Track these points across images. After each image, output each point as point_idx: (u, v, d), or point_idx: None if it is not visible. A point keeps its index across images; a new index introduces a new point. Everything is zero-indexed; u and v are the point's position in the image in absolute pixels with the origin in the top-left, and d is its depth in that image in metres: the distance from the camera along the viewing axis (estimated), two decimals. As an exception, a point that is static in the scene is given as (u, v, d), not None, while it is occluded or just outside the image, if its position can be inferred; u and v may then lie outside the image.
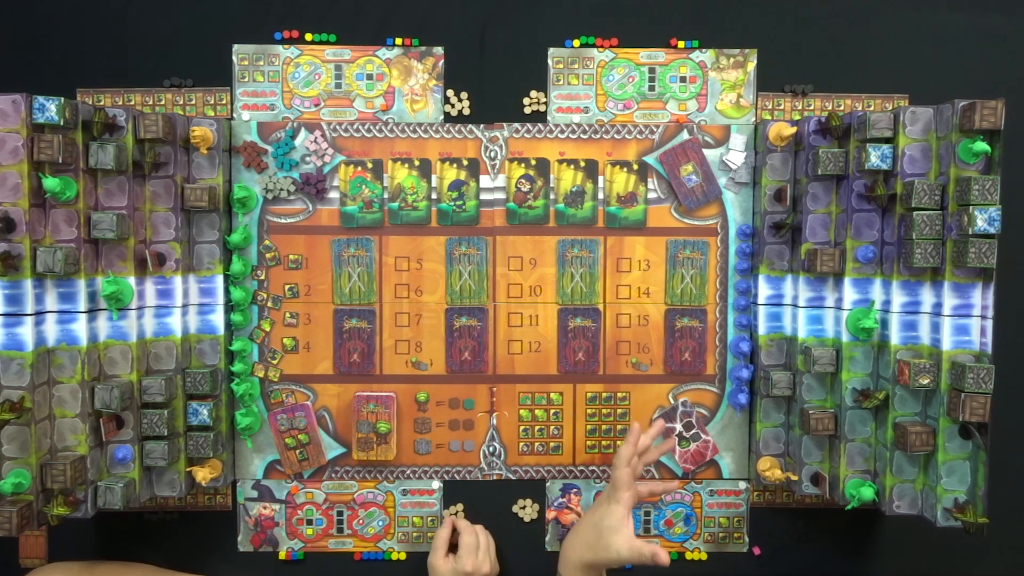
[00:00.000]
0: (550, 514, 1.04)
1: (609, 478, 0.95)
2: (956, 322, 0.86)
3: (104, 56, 1.00)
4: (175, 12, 1.00)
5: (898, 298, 0.89)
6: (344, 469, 1.03)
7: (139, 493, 0.92)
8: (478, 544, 0.97)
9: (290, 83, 1.01)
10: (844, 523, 1.03)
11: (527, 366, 1.03)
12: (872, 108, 1.01)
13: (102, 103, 1.00)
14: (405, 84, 1.01)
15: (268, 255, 1.01)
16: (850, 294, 0.92)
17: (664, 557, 0.83)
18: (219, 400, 0.97)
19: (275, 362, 1.02)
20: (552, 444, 1.04)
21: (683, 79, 1.02)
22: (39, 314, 0.85)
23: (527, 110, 1.02)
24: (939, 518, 0.87)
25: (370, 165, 1.01)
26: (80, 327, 0.87)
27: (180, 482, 0.94)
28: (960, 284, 0.86)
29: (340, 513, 1.04)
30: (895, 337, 0.89)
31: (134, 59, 1.00)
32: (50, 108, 0.83)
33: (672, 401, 1.04)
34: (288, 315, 1.02)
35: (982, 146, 0.82)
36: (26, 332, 0.83)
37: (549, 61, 1.02)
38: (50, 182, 0.83)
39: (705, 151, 1.01)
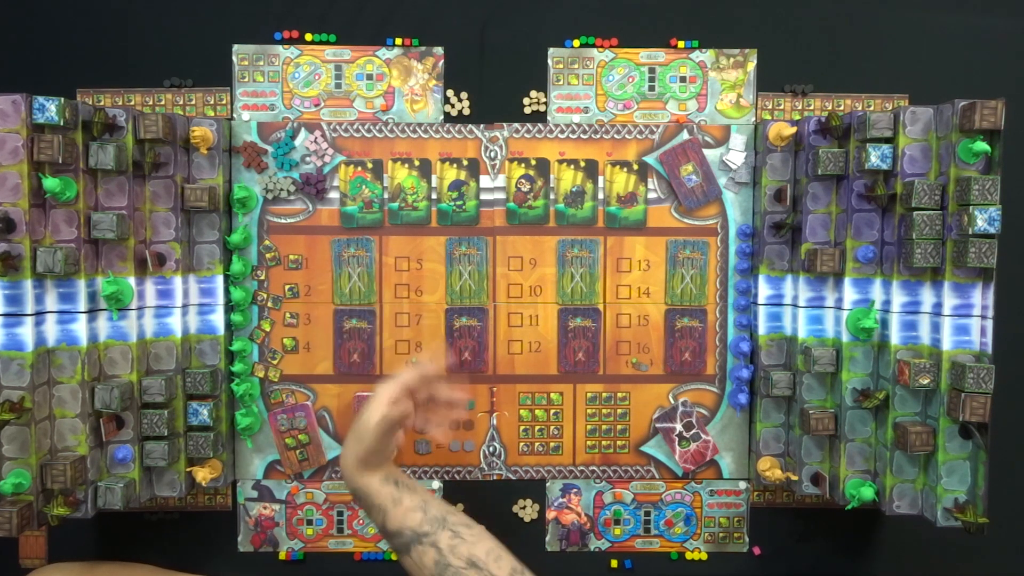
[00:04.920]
0: (550, 514, 1.04)
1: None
2: (956, 322, 0.86)
3: (104, 56, 1.00)
4: (175, 12, 1.00)
5: (898, 298, 0.89)
6: (344, 469, 1.03)
7: (139, 493, 0.92)
8: None
9: (290, 83, 1.01)
10: (844, 523, 1.03)
11: (527, 366, 1.03)
12: (872, 108, 1.01)
13: (102, 103, 1.00)
14: (405, 84, 1.01)
15: (268, 255, 1.01)
16: (850, 294, 0.92)
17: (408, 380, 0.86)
18: (219, 400, 0.97)
19: (275, 362, 1.02)
20: (552, 444, 1.04)
21: (683, 79, 1.02)
22: (39, 314, 0.85)
23: (527, 110, 1.02)
24: (939, 518, 0.87)
25: (370, 165, 1.01)
26: (80, 327, 0.87)
27: (180, 482, 0.94)
28: (960, 284, 0.86)
29: (340, 513, 1.04)
30: (895, 337, 0.89)
31: (134, 59, 1.00)
32: (50, 108, 0.83)
33: (672, 401, 1.04)
34: (288, 315, 1.02)
35: (982, 146, 0.82)
36: (26, 332, 0.83)
37: (549, 61, 1.02)
38: (50, 182, 0.83)
39: (705, 151, 1.01)
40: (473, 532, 0.82)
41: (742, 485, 1.04)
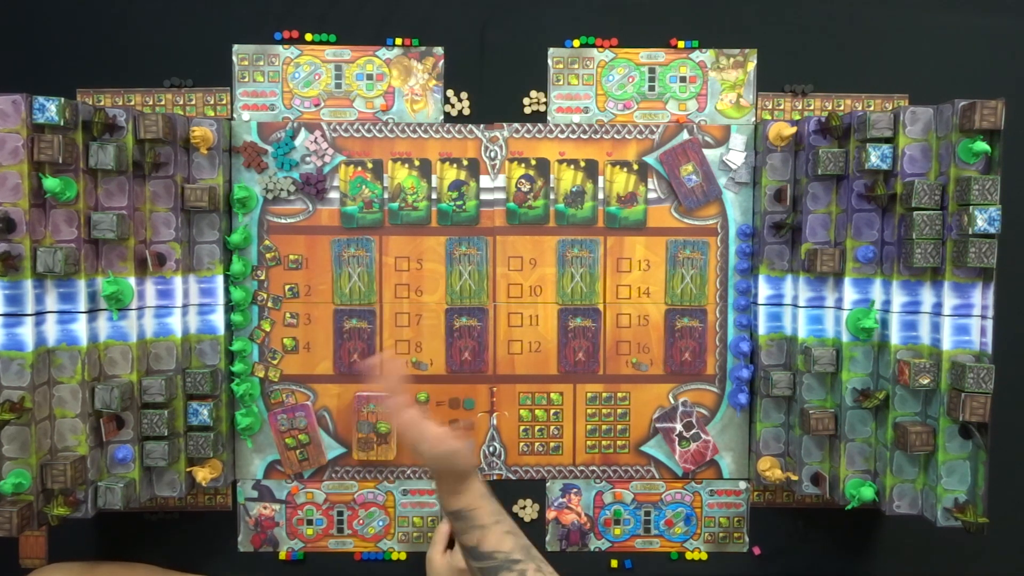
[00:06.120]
0: (550, 514, 1.04)
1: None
2: (956, 322, 0.86)
3: (104, 56, 1.00)
4: (175, 12, 1.00)
5: (898, 298, 0.89)
6: (344, 469, 1.03)
7: (139, 493, 0.92)
8: None
9: (290, 83, 1.01)
10: (844, 523, 1.03)
11: (527, 366, 1.03)
12: (872, 108, 1.01)
13: (102, 103, 1.00)
14: (405, 84, 1.01)
15: (268, 255, 1.01)
16: (850, 294, 0.92)
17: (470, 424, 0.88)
18: (219, 400, 0.97)
19: (275, 362, 1.02)
20: (552, 444, 1.04)
21: (683, 79, 1.02)
22: (39, 314, 0.85)
23: (527, 110, 1.02)
24: (939, 518, 0.87)
25: (370, 165, 1.01)
26: (80, 327, 0.87)
27: (180, 482, 0.94)
28: (960, 284, 0.86)
29: (340, 513, 1.04)
30: (895, 337, 0.89)
31: (134, 59, 1.00)
32: (50, 108, 0.83)
33: (672, 401, 1.04)
34: (288, 315, 1.02)
35: (982, 146, 0.82)
36: (26, 332, 0.83)
37: (549, 61, 1.02)
38: (50, 182, 0.83)
39: (705, 151, 1.01)
40: (552, 570, 0.81)
41: (742, 485, 1.04)
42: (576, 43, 1.01)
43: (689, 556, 1.04)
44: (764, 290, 0.99)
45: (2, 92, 0.83)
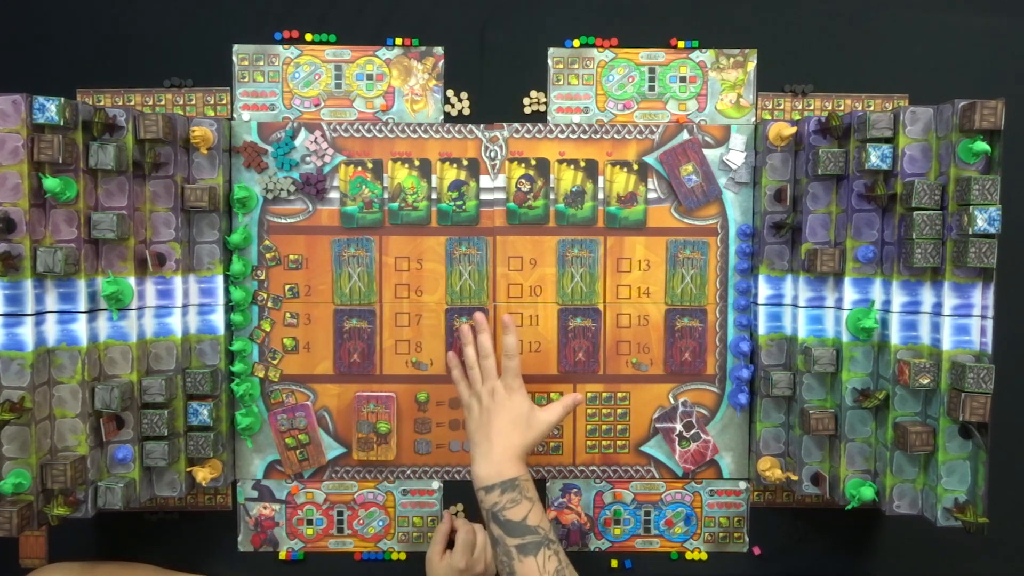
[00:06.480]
0: (550, 514, 1.04)
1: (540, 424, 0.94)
2: (956, 322, 0.86)
3: (104, 56, 1.00)
4: (175, 12, 1.00)
5: (898, 298, 0.89)
6: (344, 469, 1.03)
7: (139, 493, 0.92)
8: (474, 543, 0.97)
9: (290, 83, 1.01)
10: (844, 523, 1.03)
11: (527, 366, 1.03)
12: (872, 108, 1.01)
13: (102, 103, 1.00)
14: (405, 84, 1.01)
15: (268, 255, 1.01)
16: (850, 294, 0.92)
17: (579, 397, 0.96)
18: (219, 400, 0.97)
19: (275, 362, 1.02)
20: (552, 444, 1.04)
21: (683, 79, 1.02)
22: (39, 314, 0.85)
23: (527, 110, 1.02)
24: (939, 518, 0.87)
25: (370, 165, 1.01)
26: (80, 327, 0.87)
27: (180, 482, 0.94)
28: (960, 284, 0.86)
29: (340, 513, 1.04)
30: (895, 337, 0.89)
31: (134, 59, 1.00)
32: (50, 108, 0.83)
33: (672, 401, 1.04)
34: (288, 315, 1.02)
35: (982, 146, 0.82)
36: (26, 332, 0.83)
37: (549, 61, 1.02)
38: (50, 182, 0.83)
39: (705, 151, 1.01)
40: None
41: (742, 485, 1.04)
42: (576, 43, 1.01)
43: (689, 556, 1.04)
44: (764, 290, 0.99)
45: (2, 92, 0.83)
